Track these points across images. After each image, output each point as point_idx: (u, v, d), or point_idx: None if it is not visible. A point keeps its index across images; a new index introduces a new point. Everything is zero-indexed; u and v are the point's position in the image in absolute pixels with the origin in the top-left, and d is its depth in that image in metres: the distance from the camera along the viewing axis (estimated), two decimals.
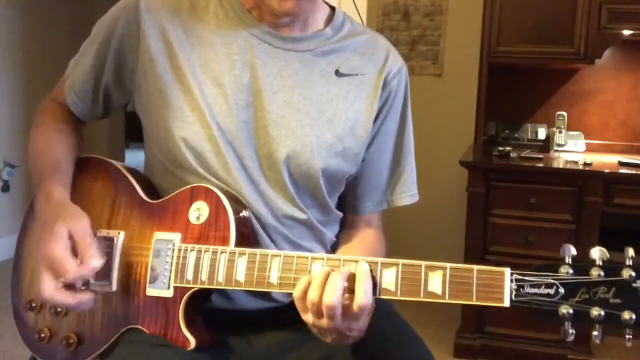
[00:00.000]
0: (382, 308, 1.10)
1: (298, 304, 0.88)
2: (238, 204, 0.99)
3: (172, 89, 1.01)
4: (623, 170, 2.52)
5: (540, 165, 2.61)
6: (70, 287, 0.92)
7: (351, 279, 0.86)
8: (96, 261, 0.91)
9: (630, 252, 0.78)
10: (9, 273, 1.11)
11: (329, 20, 1.10)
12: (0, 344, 2.63)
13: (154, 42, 1.02)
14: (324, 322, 0.86)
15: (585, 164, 2.56)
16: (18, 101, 3.93)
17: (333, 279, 0.84)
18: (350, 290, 0.85)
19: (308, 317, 0.87)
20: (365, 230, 1.15)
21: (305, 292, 0.86)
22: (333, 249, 1.13)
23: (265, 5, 1.01)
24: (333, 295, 0.83)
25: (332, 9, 1.12)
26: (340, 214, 1.14)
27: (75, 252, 0.92)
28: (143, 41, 1.02)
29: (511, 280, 0.80)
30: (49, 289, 0.90)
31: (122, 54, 1.05)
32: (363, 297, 0.84)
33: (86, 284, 0.95)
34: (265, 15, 1.03)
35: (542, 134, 3.01)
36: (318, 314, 0.85)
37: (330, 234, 1.12)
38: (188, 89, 1.00)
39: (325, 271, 0.86)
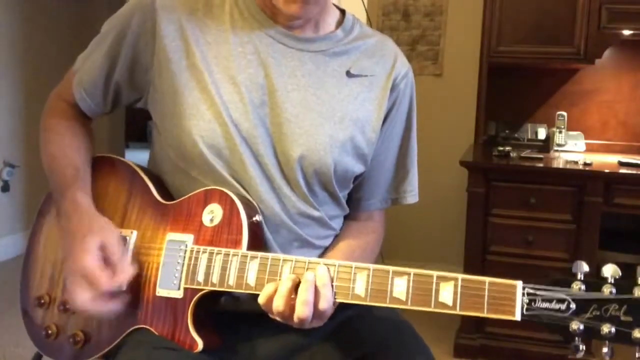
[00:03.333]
0: (383, 308, 1.10)
1: (263, 307, 0.90)
2: (251, 208, 0.99)
3: (188, 87, 1.01)
4: (623, 170, 2.52)
5: (540, 165, 2.61)
6: (102, 296, 0.94)
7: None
8: (128, 273, 0.95)
9: None
10: (9, 273, 1.12)
11: (340, 23, 1.12)
12: (0, 344, 2.63)
13: (170, 40, 1.02)
14: (292, 324, 0.89)
15: (585, 164, 2.56)
16: (18, 101, 3.92)
17: (304, 291, 0.87)
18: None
19: (275, 317, 0.90)
20: (365, 224, 1.17)
21: (270, 300, 0.88)
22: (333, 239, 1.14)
23: (276, 7, 1.02)
24: (305, 308, 0.86)
25: (342, 12, 1.14)
26: (347, 209, 1.15)
27: (106, 263, 0.94)
28: (159, 39, 1.02)
29: (523, 294, 0.80)
30: (83, 300, 0.93)
31: (136, 52, 1.05)
32: (324, 303, 0.87)
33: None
34: (279, 17, 1.05)
35: (542, 134, 3.01)
36: (285, 319, 0.89)
37: (338, 228, 1.13)
38: (204, 87, 1.01)
39: (290, 284, 0.88)
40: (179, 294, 0.96)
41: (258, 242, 0.98)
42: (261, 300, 0.89)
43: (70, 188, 1.02)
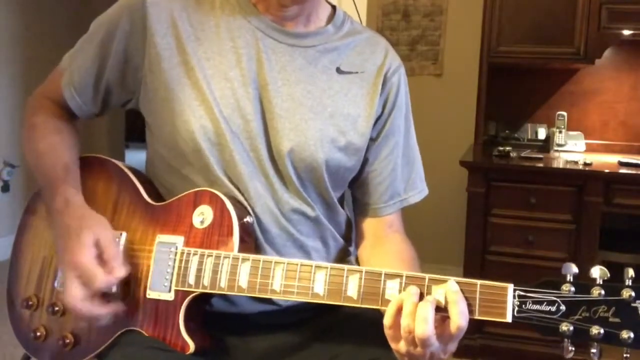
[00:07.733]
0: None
1: (388, 333, 0.84)
2: (242, 209, 0.98)
3: (180, 84, 1.00)
4: (623, 170, 2.52)
5: (540, 165, 2.61)
6: (94, 296, 0.93)
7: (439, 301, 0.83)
8: (122, 271, 0.93)
9: (630, 272, 0.79)
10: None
11: (330, 18, 1.12)
12: (0, 344, 2.63)
13: (160, 38, 1.01)
14: (418, 350, 0.82)
15: (585, 164, 2.56)
16: (18, 101, 3.92)
17: (422, 308, 0.81)
18: (440, 309, 0.82)
19: (400, 346, 0.84)
20: (393, 237, 1.14)
21: (395, 320, 0.83)
22: (360, 259, 1.12)
23: None
24: (425, 325, 0.80)
25: (333, 8, 1.14)
26: (344, 214, 1.14)
27: (100, 260, 0.93)
28: (150, 37, 1.01)
29: (514, 297, 0.81)
30: (75, 297, 0.92)
31: (127, 51, 1.04)
32: (460, 318, 0.80)
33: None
34: (271, 9, 1.04)
35: (542, 134, 3.01)
36: (413, 342, 0.82)
37: (335, 231, 1.11)
38: (195, 83, 1.00)
39: (414, 299, 0.82)
40: (170, 296, 0.95)
41: (249, 243, 0.98)
42: (387, 321, 0.83)
43: (62, 185, 1.01)
